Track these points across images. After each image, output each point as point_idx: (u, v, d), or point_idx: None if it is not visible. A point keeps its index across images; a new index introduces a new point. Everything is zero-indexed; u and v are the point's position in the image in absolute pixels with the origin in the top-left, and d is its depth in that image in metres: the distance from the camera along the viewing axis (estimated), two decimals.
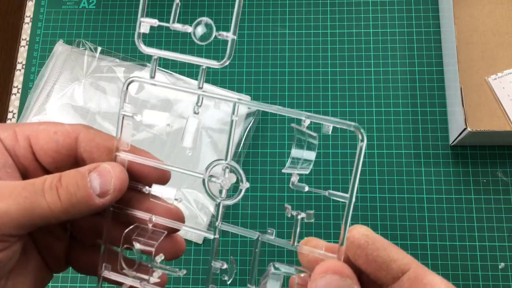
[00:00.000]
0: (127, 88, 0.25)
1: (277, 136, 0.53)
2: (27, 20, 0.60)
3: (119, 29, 0.59)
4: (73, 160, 0.26)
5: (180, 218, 0.26)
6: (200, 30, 0.23)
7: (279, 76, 0.56)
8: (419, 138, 0.53)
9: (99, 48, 0.56)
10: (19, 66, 0.59)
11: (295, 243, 0.23)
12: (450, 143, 0.52)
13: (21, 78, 0.58)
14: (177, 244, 0.27)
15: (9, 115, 0.57)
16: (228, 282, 0.24)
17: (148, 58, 0.57)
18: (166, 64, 0.56)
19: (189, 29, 0.23)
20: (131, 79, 0.25)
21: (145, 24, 0.23)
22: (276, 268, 0.23)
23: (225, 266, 0.25)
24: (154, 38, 0.58)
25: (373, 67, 0.55)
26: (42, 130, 0.25)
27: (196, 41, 0.23)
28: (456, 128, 0.49)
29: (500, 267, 0.48)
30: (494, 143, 0.51)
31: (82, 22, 0.59)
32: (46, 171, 0.26)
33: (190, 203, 0.51)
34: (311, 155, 0.22)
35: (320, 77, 0.55)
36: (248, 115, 0.54)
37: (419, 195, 0.51)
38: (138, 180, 0.26)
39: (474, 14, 0.55)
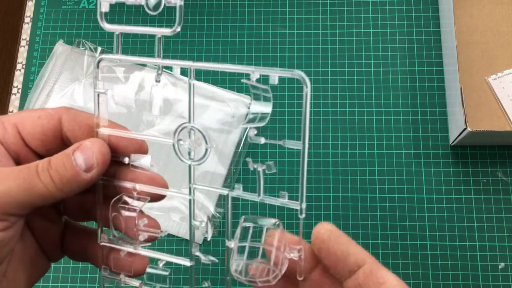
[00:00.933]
0: (97, 67, 0.26)
1: (277, 136, 0.53)
2: (27, 20, 0.60)
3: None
4: (60, 140, 0.27)
5: (163, 185, 0.28)
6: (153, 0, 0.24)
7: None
8: (419, 138, 0.53)
9: (99, 48, 0.56)
10: (19, 66, 0.59)
11: (261, 195, 0.25)
12: (450, 143, 0.52)
13: (21, 78, 0.58)
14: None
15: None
16: (209, 238, 0.26)
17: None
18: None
19: (142, 1, 0.24)
20: (99, 57, 0.27)
21: (105, 2, 0.25)
22: (246, 220, 0.25)
23: (203, 224, 0.27)
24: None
25: (373, 67, 0.55)
26: (27, 116, 0.27)
27: (149, 11, 0.24)
28: (456, 128, 0.49)
29: (500, 267, 0.48)
30: (494, 143, 0.51)
31: (82, 22, 0.59)
32: (36, 154, 0.28)
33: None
34: (268, 107, 0.24)
35: (320, 77, 0.55)
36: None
37: (419, 195, 0.51)
38: (119, 153, 0.27)
39: (474, 14, 0.55)
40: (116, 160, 0.27)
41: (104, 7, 0.25)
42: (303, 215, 0.24)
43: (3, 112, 0.58)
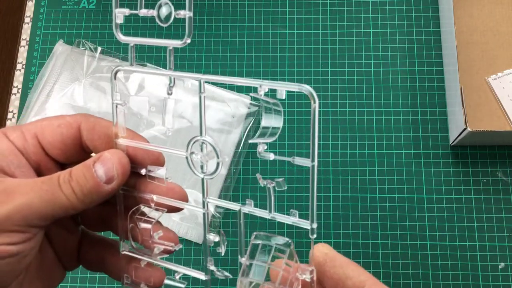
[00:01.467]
0: (115, 78, 0.27)
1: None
2: (27, 20, 0.60)
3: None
4: (79, 148, 0.28)
5: (182, 195, 0.28)
6: (164, 11, 0.24)
7: (279, 76, 0.56)
8: (419, 138, 0.53)
9: (99, 48, 0.56)
10: (19, 66, 0.59)
11: (272, 213, 0.24)
12: (450, 143, 0.52)
13: (21, 78, 0.58)
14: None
15: (9, 115, 0.57)
16: (222, 254, 0.26)
17: (149, 58, 0.57)
18: (166, 64, 0.56)
19: (153, 12, 0.24)
20: (117, 68, 0.27)
21: (120, 14, 0.25)
22: (257, 237, 0.25)
23: (217, 238, 0.27)
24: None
25: (373, 67, 0.55)
26: (46, 126, 0.27)
27: (160, 23, 0.24)
28: (456, 128, 0.49)
29: (500, 267, 0.48)
30: (494, 143, 0.51)
31: (82, 22, 0.59)
32: (57, 163, 0.28)
33: (191, 203, 0.51)
34: (279, 122, 0.23)
35: (320, 77, 0.55)
36: (248, 115, 0.54)
37: (419, 195, 0.51)
38: (137, 164, 0.28)
39: (474, 14, 0.55)
40: (134, 171, 0.27)
41: (119, 19, 0.25)
42: (314, 236, 0.23)
43: (3, 112, 0.58)
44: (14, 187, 0.24)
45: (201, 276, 0.27)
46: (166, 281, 0.28)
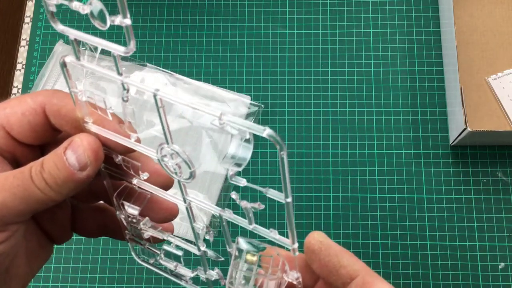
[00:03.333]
0: (65, 66, 0.25)
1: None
2: (27, 20, 0.60)
3: (119, 29, 0.59)
4: (51, 130, 0.26)
5: (169, 181, 0.27)
6: (95, 12, 0.21)
7: (279, 76, 0.56)
8: (419, 138, 0.53)
9: (99, 48, 0.56)
10: (19, 66, 0.59)
11: (253, 225, 0.23)
12: (450, 143, 0.52)
13: (21, 78, 0.58)
14: (166, 209, 0.28)
15: None
16: (211, 240, 0.26)
17: (149, 58, 0.57)
18: (166, 65, 0.56)
19: (87, 9, 0.21)
20: (64, 57, 0.25)
21: (50, 1, 0.22)
22: (241, 242, 0.24)
23: (204, 225, 0.26)
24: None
25: (373, 67, 0.55)
26: (11, 115, 0.25)
27: (97, 25, 0.21)
28: (456, 128, 0.49)
29: (500, 267, 0.48)
30: (494, 143, 0.51)
31: (82, 22, 0.59)
32: (34, 147, 0.26)
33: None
34: (246, 153, 0.20)
35: (320, 77, 0.55)
36: (248, 115, 0.54)
37: (419, 195, 0.51)
38: (110, 149, 0.26)
39: (474, 14, 0.55)
40: (109, 155, 0.26)
41: (52, 7, 0.22)
42: (297, 254, 0.23)
43: None
44: None
45: (195, 250, 0.27)
46: (165, 247, 0.27)
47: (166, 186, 0.27)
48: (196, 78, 0.55)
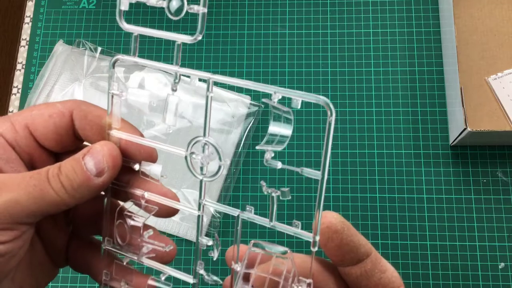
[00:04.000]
0: (113, 67, 0.26)
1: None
2: (27, 20, 0.60)
3: (119, 29, 0.58)
4: (73, 137, 0.27)
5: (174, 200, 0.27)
6: (175, 4, 0.23)
7: (279, 76, 0.56)
8: (419, 138, 0.53)
9: (99, 48, 0.56)
10: (19, 66, 0.59)
11: (273, 221, 0.24)
12: (450, 143, 0.52)
13: (21, 78, 0.58)
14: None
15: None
16: (214, 258, 0.25)
17: (148, 58, 0.57)
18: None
19: (163, 3, 0.23)
20: (115, 58, 0.26)
21: (124, 0, 0.24)
22: (255, 245, 0.24)
23: (210, 242, 0.25)
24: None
25: (373, 67, 0.55)
26: (37, 116, 0.26)
27: (169, 16, 0.23)
28: (456, 128, 0.49)
29: (500, 267, 0.48)
30: (494, 143, 0.51)
31: (82, 22, 0.59)
32: (51, 153, 0.27)
33: (190, 203, 0.51)
34: (288, 130, 0.22)
35: (320, 77, 0.55)
36: (248, 115, 0.54)
37: (419, 195, 0.51)
38: (129, 158, 0.27)
39: (474, 14, 0.55)
40: (127, 165, 0.26)
41: (124, 5, 0.24)
42: (315, 248, 0.23)
43: (3, 112, 0.58)
44: (0, 183, 0.23)
45: (189, 279, 0.26)
46: (150, 282, 0.27)
47: (171, 212, 0.27)
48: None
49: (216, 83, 0.24)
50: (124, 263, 0.27)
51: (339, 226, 0.24)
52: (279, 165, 0.23)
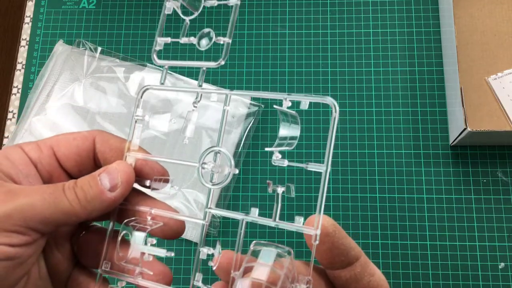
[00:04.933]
0: (141, 97, 0.28)
1: (277, 136, 0.53)
2: (27, 20, 0.60)
3: (119, 29, 0.59)
4: (93, 161, 0.28)
5: (179, 226, 0.28)
6: (205, 42, 0.27)
7: (279, 76, 0.56)
8: (419, 138, 0.53)
9: (99, 48, 0.56)
10: (19, 66, 0.59)
11: (276, 219, 0.25)
12: (450, 143, 0.52)
13: (21, 78, 0.58)
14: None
15: (9, 115, 0.57)
16: (214, 268, 0.25)
17: (148, 58, 0.57)
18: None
19: (194, 40, 0.27)
20: (146, 87, 0.29)
21: (161, 42, 0.28)
22: (257, 245, 0.24)
23: (211, 251, 0.26)
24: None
25: (373, 67, 0.55)
26: (62, 139, 0.28)
27: (198, 48, 0.27)
28: (456, 128, 0.49)
29: (500, 267, 0.48)
30: (494, 143, 0.51)
31: (82, 22, 0.59)
32: (69, 175, 0.28)
33: (190, 203, 0.51)
34: (296, 132, 0.25)
35: (320, 77, 0.55)
36: (248, 115, 0.54)
37: (419, 195, 0.51)
38: (143, 178, 0.28)
39: (474, 14, 0.55)
40: (140, 183, 0.28)
41: (159, 46, 0.28)
42: (317, 242, 0.24)
43: (3, 112, 0.58)
44: (18, 189, 0.24)
45: None
46: None
47: (178, 230, 0.28)
48: (196, 78, 0.55)
49: (216, 83, 0.25)
50: (120, 287, 0.28)
51: (331, 229, 0.24)
52: (285, 163, 0.25)
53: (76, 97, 0.55)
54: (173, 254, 0.27)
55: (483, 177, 0.51)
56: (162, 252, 0.27)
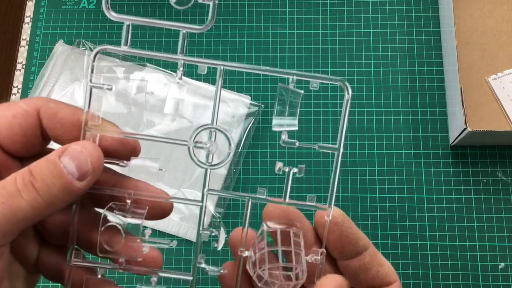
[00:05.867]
0: (94, 60, 0.24)
1: (277, 136, 0.53)
2: (27, 20, 0.60)
3: (119, 29, 0.58)
4: (41, 138, 0.24)
5: (166, 206, 0.25)
6: None
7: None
8: (419, 138, 0.53)
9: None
10: (19, 66, 0.59)
11: (287, 199, 0.25)
12: (450, 143, 0.52)
13: (21, 78, 0.58)
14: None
15: None
16: (218, 249, 0.25)
17: (148, 58, 0.57)
18: (166, 65, 0.56)
19: None
20: (99, 48, 0.23)
21: None
22: (268, 227, 0.25)
23: (214, 232, 0.25)
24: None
25: (373, 67, 0.55)
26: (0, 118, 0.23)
27: (174, 5, 0.22)
28: (456, 128, 0.49)
29: (500, 267, 0.48)
30: (494, 143, 0.51)
31: (82, 22, 0.59)
32: (15, 158, 0.24)
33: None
34: (295, 110, 0.24)
35: None
36: (248, 115, 0.54)
37: (419, 195, 0.51)
38: (110, 157, 0.24)
39: (474, 14, 0.55)
40: (111, 162, 0.24)
41: None
42: (330, 218, 0.25)
43: None
44: None
45: (187, 276, 0.25)
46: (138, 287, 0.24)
47: (167, 211, 0.26)
48: (196, 78, 0.55)
49: (216, 83, 0.24)
50: (99, 276, 0.25)
51: (340, 218, 0.25)
52: (296, 143, 0.25)
53: (76, 97, 0.55)
54: (176, 243, 0.25)
55: (483, 177, 0.51)
56: (165, 243, 0.24)
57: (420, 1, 0.57)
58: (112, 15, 0.22)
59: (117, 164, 0.24)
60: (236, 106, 0.54)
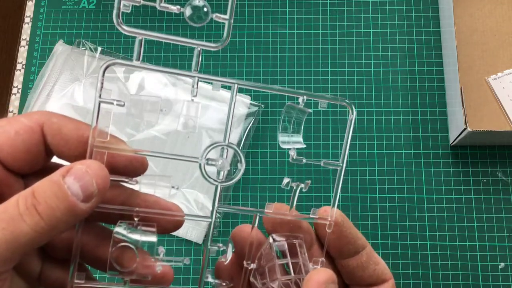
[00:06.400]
0: (103, 75, 0.22)
1: (277, 136, 0.53)
2: (27, 20, 0.60)
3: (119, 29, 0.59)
4: (44, 153, 0.23)
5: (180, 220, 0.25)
6: (193, 12, 0.21)
7: (279, 76, 0.56)
8: (419, 138, 0.53)
9: (99, 48, 0.56)
10: (19, 66, 0.59)
11: (293, 212, 0.26)
12: (450, 143, 0.52)
13: (21, 78, 0.58)
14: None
15: (9, 115, 0.57)
16: (226, 263, 0.25)
17: (148, 58, 0.57)
18: (166, 65, 0.56)
19: (175, 9, 0.21)
20: (109, 62, 0.22)
21: (127, 2, 0.21)
22: (274, 240, 0.26)
23: (222, 247, 0.25)
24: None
25: (373, 67, 0.55)
26: (2, 136, 0.22)
27: (190, 23, 0.21)
28: (456, 128, 0.49)
29: (500, 267, 0.48)
30: (494, 143, 0.51)
31: (82, 22, 0.59)
32: (18, 175, 0.23)
33: (190, 203, 0.51)
34: (300, 128, 0.26)
35: (320, 77, 0.55)
36: (248, 115, 0.54)
37: (419, 195, 0.51)
38: (116, 174, 0.23)
39: (474, 14, 0.55)
40: (118, 180, 0.23)
41: (125, 7, 0.21)
42: (331, 229, 0.26)
43: (3, 112, 0.58)
44: None
45: None
46: None
47: (178, 225, 0.26)
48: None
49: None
50: None
51: (339, 219, 0.26)
52: (303, 160, 0.26)
53: (76, 97, 0.55)
54: (189, 261, 0.24)
55: (483, 177, 0.51)
56: (180, 261, 0.24)
57: (420, 1, 0.57)
58: (124, 29, 0.22)
59: (126, 182, 0.23)
60: (236, 106, 0.54)
